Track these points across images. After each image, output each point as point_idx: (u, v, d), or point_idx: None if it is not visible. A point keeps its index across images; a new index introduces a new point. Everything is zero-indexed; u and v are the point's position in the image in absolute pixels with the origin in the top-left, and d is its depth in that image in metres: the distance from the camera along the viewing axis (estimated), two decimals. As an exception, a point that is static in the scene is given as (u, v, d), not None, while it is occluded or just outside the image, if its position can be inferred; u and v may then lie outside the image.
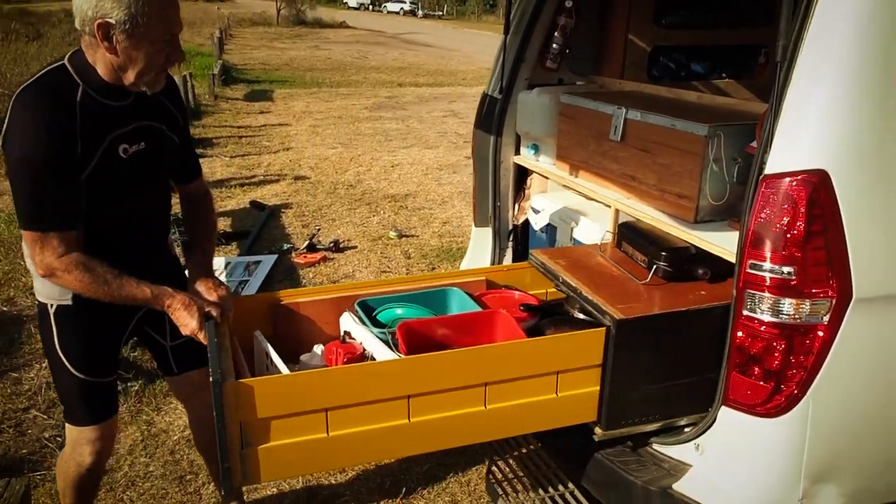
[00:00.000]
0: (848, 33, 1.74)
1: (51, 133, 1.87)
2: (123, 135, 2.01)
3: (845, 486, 1.99)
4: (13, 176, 1.90)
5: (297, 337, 2.39)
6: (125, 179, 2.05)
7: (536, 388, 2.11)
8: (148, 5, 1.84)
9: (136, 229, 2.16)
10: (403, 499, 2.97)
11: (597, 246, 2.69)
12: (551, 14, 3.28)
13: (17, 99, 1.89)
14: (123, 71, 1.94)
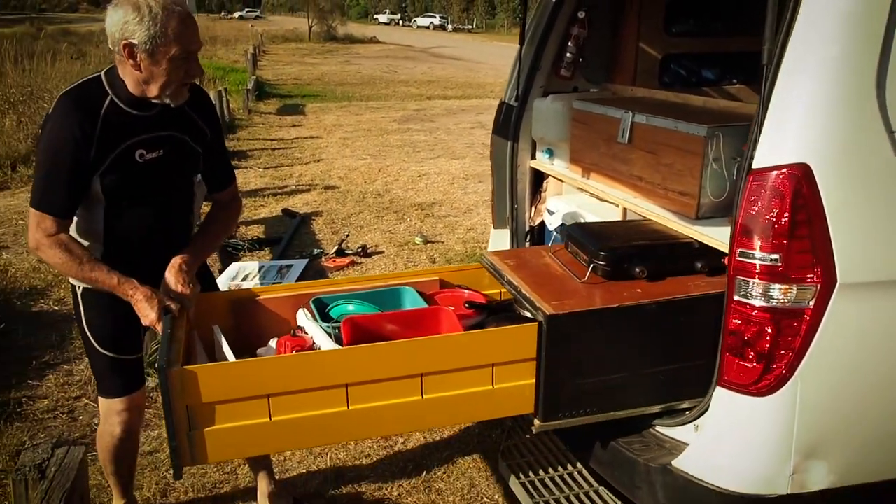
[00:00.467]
0: (828, 39, 1.89)
1: (71, 137, 2.14)
2: (141, 142, 2.25)
3: (835, 462, 2.11)
4: (36, 163, 2.26)
5: (257, 332, 2.53)
6: (141, 181, 2.29)
7: (472, 380, 2.21)
8: (167, 28, 2.09)
9: (155, 227, 2.39)
10: (426, 481, 3.14)
11: (548, 247, 2.81)
12: (565, 25, 3.45)
13: (57, 101, 2.20)
14: (147, 85, 2.19)
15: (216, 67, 20.45)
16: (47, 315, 4.84)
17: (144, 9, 2.07)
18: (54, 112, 2.19)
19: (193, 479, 3.16)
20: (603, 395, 2.29)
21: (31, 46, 16.36)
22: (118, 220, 2.31)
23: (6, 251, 6.03)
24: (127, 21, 2.08)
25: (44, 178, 2.20)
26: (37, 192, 2.21)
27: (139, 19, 2.07)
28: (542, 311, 2.20)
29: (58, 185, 2.19)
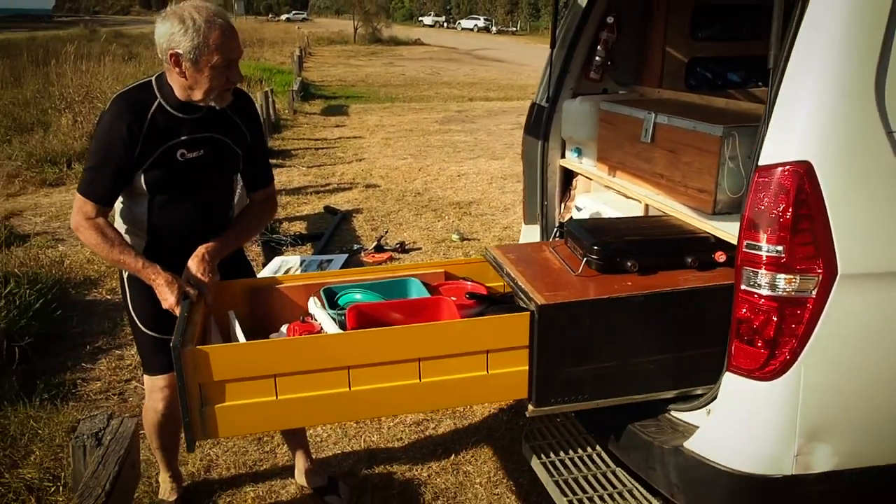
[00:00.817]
0: (829, 44, 2.00)
1: (119, 136, 2.36)
2: (183, 142, 2.46)
3: (838, 445, 2.21)
4: (87, 154, 2.50)
5: (271, 318, 2.68)
6: (181, 178, 2.50)
7: (468, 366, 2.31)
8: (209, 38, 2.29)
9: (194, 221, 2.59)
10: (454, 464, 3.30)
11: (549, 242, 2.93)
12: (594, 29, 3.58)
13: (112, 101, 2.44)
14: (192, 90, 2.39)
15: (263, 69, 20.84)
16: (100, 304, 5.10)
17: (189, 21, 2.27)
18: (108, 111, 2.42)
19: (235, 457, 3.36)
20: (594, 382, 2.40)
21: (87, 48, 16.83)
22: (160, 213, 2.54)
23: (62, 244, 6.32)
24: (173, 33, 2.29)
25: (91, 169, 2.44)
26: (84, 179, 2.45)
27: (184, 31, 2.27)
28: (535, 302, 2.31)
29: (102, 177, 2.42)
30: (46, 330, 4.53)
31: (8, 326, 4.26)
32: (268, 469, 3.30)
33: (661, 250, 2.58)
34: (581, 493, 2.54)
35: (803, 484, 2.21)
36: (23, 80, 14.33)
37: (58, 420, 3.58)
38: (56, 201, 7.77)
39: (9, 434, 3.46)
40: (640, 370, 2.42)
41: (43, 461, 3.27)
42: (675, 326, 2.41)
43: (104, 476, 2.33)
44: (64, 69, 13.51)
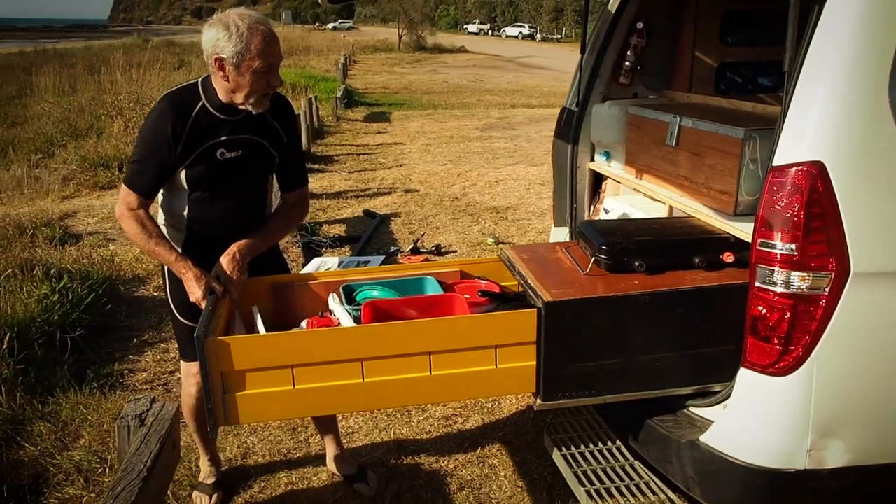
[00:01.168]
0: (843, 48, 2.07)
1: (164, 134, 2.51)
2: (223, 142, 2.60)
3: (851, 442, 2.25)
4: (134, 148, 2.64)
5: (294, 314, 2.78)
6: (220, 176, 2.64)
7: (477, 360, 2.39)
8: (251, 44, 2.42)
9: (231, 217, 2.72)
10: (480, 457, 3.40)
11: (562, 243, 3.00)
12: (624, 34, 3.67)
13: (160, 100, 2.59)
14: (234, 93, 2.52)
15: (307, 76, 21.15)
16: (148, 300, 5.29)
17: (233, 27, 2.41)
18: (156, 109, 2.57)
19: (270, 445, 3.49)
20: (602, 378, 2.47)
21: (139, 57, 17.30)
22: (199, 208, 2.67)
23: (113, 243, 6.55)
24: (218, 38, 2.43)
25: (136, 163, 2.59)
26: (129, 172, 2.62)
27: (228, 36, 2.41)
28: (542, 298, 2.39)
29: (146, 171, 2.57)
30: (97, 323, 4.73)
31: (61, 319, 4.46)
32: (301, 457, 3.42)
33: (669, 251, 2.65)
34: (598, 484, 2.61)
35: (816, 479, 2.26)
36: (78, 88, 14.78)
37: (106, 407, 3.75)
38: (108, 203, 8.02)
39: (60, 419, 3.64)
40: (648, 367, 2.49)
41: (91, 445, 3.45)
42: (683, 325, 2.47)
43: (146, 454, 2.47)
44: (115, 77, 13.90)
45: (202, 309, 2.48)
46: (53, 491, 3.15)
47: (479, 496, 3.17)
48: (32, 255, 5.50)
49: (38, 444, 3.46)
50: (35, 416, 3.66)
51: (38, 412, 3.69)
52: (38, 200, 7.78)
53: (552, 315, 2.38)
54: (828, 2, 2.07)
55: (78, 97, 13.61)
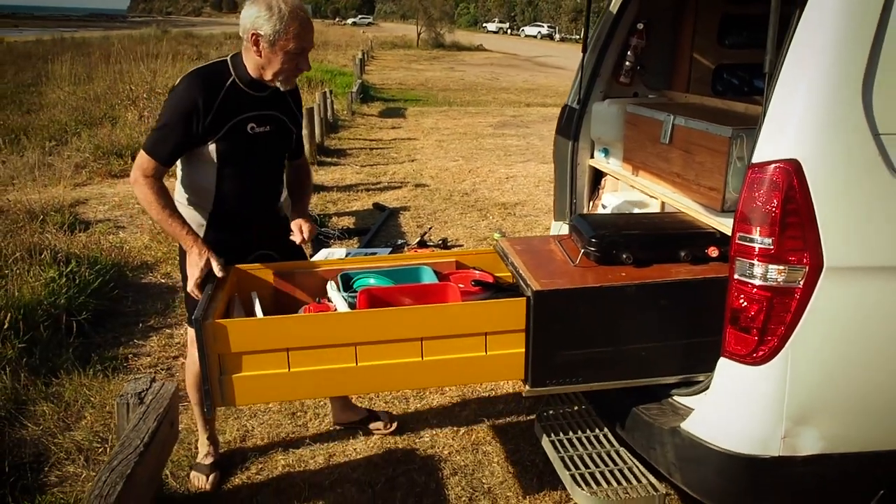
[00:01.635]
0: (820, 51, 2.13)
1: (193, 105, 2.62)
2: (253, 117, 2.75)
3: (824, 430, 2.32)
4: (158, 115, 2.74)
5: (293, 300, 2.87)
6: (248, 148, 2.77)
7: (467, 346, 2.46)
8: (289, 26, 2.58)
9: (255, 190, 2.88)
10: (474, 443, 3.48)
11: (556, 236, 3.07)
12: (625, 35, 3.74)
13: (187, 74, 2.72)
14: (264, 70, 2.68)
15: (325, 70, 21.29)
16: (155, 286, 5.41)
17: (275, 8, 2.57)
18: (183, 82, 2.69)
19: (269, 429, 3.59)
20: (589, 366, 2.54)
21: (156, 47, 17.46)
22: (227, 184, 2.79)
23: (122, 231, 6.68)
24: (259, 15, 2.58)
25: (159, 130, 2.68)
26: (150, 138, 2.71)
27: (269, 16, 2.56)
28: (531, 288, 2.47)
29: (168, 139, 2.66)
30: (103, 307, 4.84)
31: (67, 302, 4.57)
32: (299, 440, 3.51)
33: (656, 244, 2.72)
34: (583, 469, 2.69)
35: (791, 465, 2.33)
36: (94, 77, 14.95)
37: (109, 389, 3.85)
38: (120, 191, 8.15)
39: (63, 400, 3.75)
40: (634, 356, 2.56)
41: (93, 425, 3.55)
42: (667, 316, 2.55)
43: (144, 430, 2.58)
44: (131, 67, 14.05)
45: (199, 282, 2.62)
46: (54, 469, 3.25)
47: (472, 481, 3.25)
48: (42, 239, 5.62)
49: (41, 423, 3.56)
50: (38, 396, 3.77)
51: (41, 393, 3.80)
52: (50, 187, 7.91)
53: (541, 304, 2.46)
54: (806, 8, 2.14)
55: (94, 86, 13.77)
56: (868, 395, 2.34)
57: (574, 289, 2.51)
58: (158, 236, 6.37)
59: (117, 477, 2.33)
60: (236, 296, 2.77)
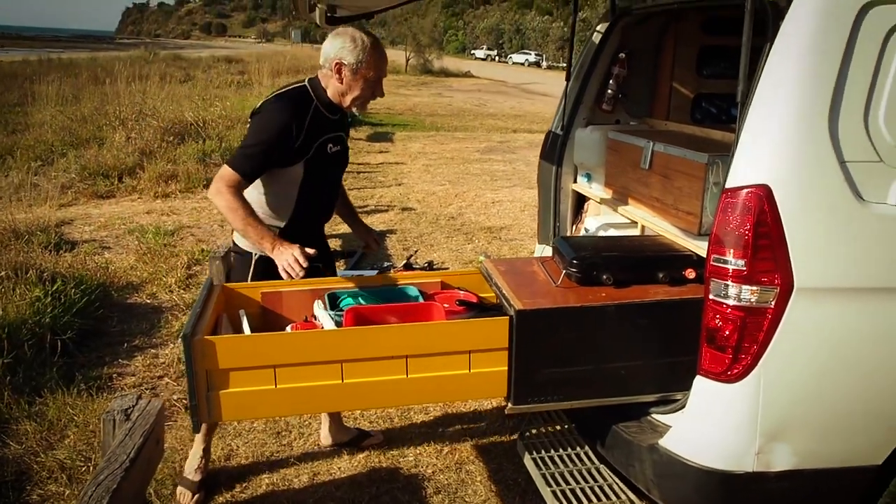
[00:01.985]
0: (789, 83, 2.23)
1: (284, 126, 2.82)
2: (331, 138, 3.01)
3: (797, 446, 2.39)
4: (246, 134, 2.92)
5: (281, 319, 2.92)
6: (327, 167, 3.03)
7: (451, 364, 2.50)
8: (370, 56, 2.86)
9: (324, 206, 3.15)
10: (458, 462, 3.53)
11: (539, 258, 3.14)
12: (607, 64, 3.84)
13: (274, 98, 2.94)
14: (343, 96, 2.94)
15: (313, 95, 21.32)
16: (140, 307, 5.43)
17: (358, 41, 2.84)
18: (273, 105, 2.90)
19: (254, 448, 3.62)
20: (570, 384, 2.60)
21: (145, 69, 17.51)
22: (306, 200, 3.00)
23: (108, 251, 6.70)
24: (343, 46, 2.84)
25: (248, 148, 2.85)
26: (237, 155, 2.86)
27: (353, 47, 2.83)
28: (514, 307, 2.53)
29: (256, 157, 2.83)
30: (88, 327, 4.85)
31: (53, 321, 4.58)
32: (284, 460, 3.54)
33: (635, 266, 2.80)
34: (564, 485, 2.75)
35: (765, 481, 2.40)
36: (81, 98, 14.97)
37: (92, 408, 3.86)
38: (105, 212, 8.18)
39: (47, 418, 3.76)
40: (614, 375, 2.62)
41: (76, 444, 3.56)
42: (646, 335, 2.61)
43: (130, 446, 2.60)
44: (119, 88, 14.08)
45: (295, 276, 2.73)
46: (36, 488, 3.26)
47: (455, 500, 3.30)
48: (27, 259, 5.61)
49: (24, 442, 3.57)
50: (22, 415, 3.78)
51: (24, 411, 3.81)
52: (35, 207, 7.91)
53: (523, 323, 2.52)
54: (776, 42, 2.25)
55: (81, 107, 13.79)
56: (839, 411, 2.41)
57: (556, 308, 2.57)
58: (144, 257, 6.42)
59: (103, 492, 2.35)
60: (224, 314, 2.81)
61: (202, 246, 6.89)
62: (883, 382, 2.40)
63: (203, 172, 10.06)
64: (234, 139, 12.31)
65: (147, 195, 9.09)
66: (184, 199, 9.09)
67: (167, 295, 5.60)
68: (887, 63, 2.24)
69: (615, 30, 3.79)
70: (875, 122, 2.26)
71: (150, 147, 10.76)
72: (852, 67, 2.22)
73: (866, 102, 2.25)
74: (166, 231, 7.30)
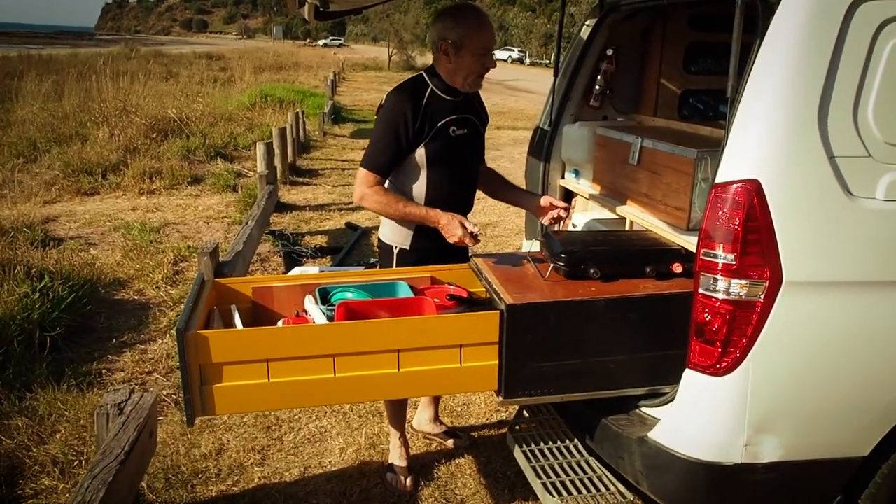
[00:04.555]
0: (779, 78, 2.26)
1: (402, 116, 2.89)
2: (453, 120, 2.99)
3: (784, 438, 2.43)
4: (372, 134, 3.00)
5: (272, 314, 2.93)
6: (453, 150, 3.01)
7: (442, 358, 2.52)
8: (472, 29, 2.88)
9: (458, 191, 3.10)
10: (448, 456, 3.56)
11: (528, 252, 3.16)
12: (594, 60, 3.87)
13: (391, 93, 3.00)
14: (454, 76, 2.96)
15: (296, 91, 21.32)
16: (127, 303, 5.42)
17: (459, 17, 2.90)
18: (389, 100, 2.97)
19: (245, 442, 3.64)
20: (560, 377, 2.62)
21: (125, 66, 17.40)
22: (436, 188, 3.00)
23: (94, 248, 6.68)
24: (445, 26, 2.90)
25: (374, 145, 2.95)
26: (367, 155, 2.96)
27: (454, 25, 2.89)
28: (504, 301, 2.55)
29: (384, 151, 2.92)
30: (76, 323, 4.85)
31: (41, 318, 4.58)
32: (274, 453, 3.56)
33: (623, 260, 2.82)
34: (554, 477, 2.78)
35: (752, 472, 2.43)
36: (63, 95, 14.86)
37: (83, 404, 3.86)
38: (90, 209, 8.14)
39: (37, 414, 3.76)
40: (603, 368, 2.64)
41: (68, 439, 3.56)
42: (635, 329, 2.64)
43: (124, 439, 2.62)
44: (105, 85, 13.99)
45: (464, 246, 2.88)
46: (29, 482, 3.27)
47: (445, 493, 3.33)
48: (14, 255, 5.61)
49: (15, 437, 3.57)
50: (12, 410, 3.78)
51: (15, 406, 3.81)
52: (19, 204, 7.87)
53: (514, 317, 2.54)
54: (766, 38, 2.27)
55: (63, 103, 13.70)
56: (826, 404, 2.45)
57: (546, 303, 2.59)
58: (130, 254, 6.40)
59: (99, 484, 2.37)
60: (216, 308, 2.82)
61: (188, 242, 6.87)
62: (871, 375, 2.44)
63: (187, 169, 10.04)
64: (218, 136, 12.29)
65: (131, 192, 9.06)
66: (168, 195, 9.06)
67: (154, 291, 5.60)
68: (876, 59, 2.27)
69: (603, 26, 3.82)
70: (864, 117, 2.29)
71: (133, 144, 10.72)
72: (842, 63, 2.25)
73: (855, 98, 2.28)
74: (152, 227, 7.27)
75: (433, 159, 2.95)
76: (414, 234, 3.05)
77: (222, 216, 8.04)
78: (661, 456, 2.53)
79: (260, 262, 6.51)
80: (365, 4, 3.77)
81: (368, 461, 3.53)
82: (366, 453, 3.59)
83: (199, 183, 9.72)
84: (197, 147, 11.26)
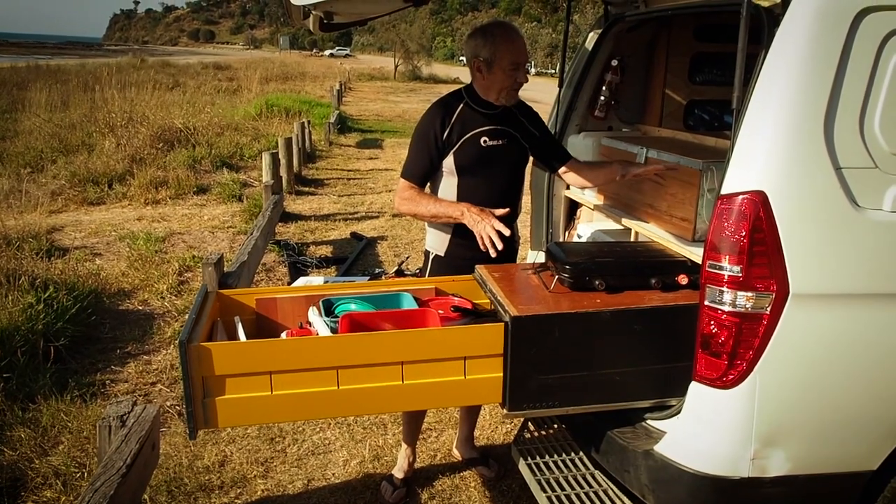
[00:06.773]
0: (784, 89, 2.24)
1: (432, 128, 3.00)
2: (485, 132, 3.04)
3: (792, 451, 2.40)
4: (409, 146, 3.10)
5: (276, 325, 2.91)
6: (483, 160, 3.05)
7: (447, 370, 2.48)
8: (501, 46, 2.94)
9: (493, 201, 3.00)
10: (452, 468, 3.53)
11: (533, 264, 3.14)
12: (599, 71, 3.85)
13: (431, 106, 3.10)
14: (488, 91, 3.03)
15: (302, 101, 21.38)
16: (132, 313, 5.42)
17: (488, 35, 2.96)
18: (425, 113, 3.09)
19: (248, 454, 3.62)
20: (565, 389, 2.59)
21: (133, 76, 17.46)
22: (467, 195, 3.01)
23: (99, 258, 6.69)
24: (476, 44, 2.97)
25: (409, 156, 3.06)
26: (404, 165, 3.08)
27: (485, 42, 2.95)
28: (509, 313, 2.53)
29: (418, 160, 3.03)
30: (80, 333, 4.85)
31: (45, 328, 4.58)
32: (278, 466, 3.54)
33: (628, 272, 2.80)
34: (559, 491, 2.75)
35: (759, 486, 2.40)
36: (70, 105, 14.92)
37: (86, 415, 3.85)
38: (96, 219, 8.15)
39: (40, 425, 3.75)
40: (608, 380, 2.61)
41: (70, 450, 3.55)
42: (640, 341, 2.61)
43: (126, 452, 2.60)
44: (111, 94, 14.03)
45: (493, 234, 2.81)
46: (31, 494, 3.25)
47: (449, 505, 3.30)
48: (18, 265, 5.61)
49: (17, 448, 3.56)
50: (15, 421, 3.77)
51: (18, 418, 3.80)
52: (25, 214, 7.89)
53: (518, 329, 2.52)
54: (771, 48, 2.25)
55: (70, 113, 13.74)
56: (834, 417, 2.42)
57: (551, 314, 2.57)
58: (135, 264, 6.40)
59: (101, 497, 2.35)
60: (219, 320, 2.81)
61: (193, 252, 6.87)
62: (878, 388, 2.42)
63: (193, 179, 10.05)
64: (224, 146, 12.32)
65: (137, 202, 9.08)
66: (174, 205, 9.07)
67: (159, 301, 5.60)
68: (882, 70, 2.26)
69: (608, 36, 3.81)
70: (870, 128, 2.28)
71: (139, 154, 10.75)
72: (848, 74, 2.23)
73: (861, 109, 2.27)
74: (157, 237, 7.28)
75: (462, 168, 3.02)
76: (450, 242, 3.11)
77: (227, 226, 8.05)
78: (668, 469, 2.50)
79: (265, 272, 6.51)
80: (370, 16, 3.76)
81: (372, 473, 3.50)
82: (370, 465, 3.56)
83: (204, 193, 9.74)
84: (203, 157, 11.29)
